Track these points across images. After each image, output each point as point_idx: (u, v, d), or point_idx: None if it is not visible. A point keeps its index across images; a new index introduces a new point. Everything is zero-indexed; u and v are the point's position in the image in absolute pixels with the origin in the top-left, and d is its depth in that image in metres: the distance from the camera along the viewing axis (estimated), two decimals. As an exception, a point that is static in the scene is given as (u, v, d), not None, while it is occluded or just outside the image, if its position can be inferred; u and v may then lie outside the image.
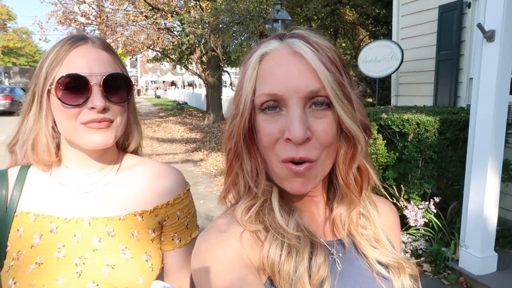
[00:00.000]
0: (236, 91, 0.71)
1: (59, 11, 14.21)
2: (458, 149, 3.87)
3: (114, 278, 0.87)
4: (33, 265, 0.85)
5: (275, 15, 7.81)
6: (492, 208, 3.22)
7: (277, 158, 0.65)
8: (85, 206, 0.92)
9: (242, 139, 0.68)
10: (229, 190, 0.74)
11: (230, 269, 0.61)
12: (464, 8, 5.00)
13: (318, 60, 0.63)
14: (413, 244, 3.77)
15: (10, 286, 0.85)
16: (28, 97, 0.92)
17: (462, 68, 5.12)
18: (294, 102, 0.62)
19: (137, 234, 0.94)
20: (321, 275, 0.63)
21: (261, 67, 0.66)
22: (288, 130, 0.62)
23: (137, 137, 1.04)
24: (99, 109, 0.85)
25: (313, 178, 0.66)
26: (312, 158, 0.63)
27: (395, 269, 0.73)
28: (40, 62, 0.90)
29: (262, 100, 0.64)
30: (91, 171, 0.96)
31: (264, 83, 0.65)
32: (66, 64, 0.86)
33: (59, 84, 0.85)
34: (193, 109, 23.75)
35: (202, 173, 7.73)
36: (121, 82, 0.91)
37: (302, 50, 0.64)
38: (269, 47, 0.67)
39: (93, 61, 0.87)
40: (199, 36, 12.17)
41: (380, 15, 12.07)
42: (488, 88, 3.09)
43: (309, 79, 0.63)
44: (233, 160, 0.71)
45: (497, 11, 2.99)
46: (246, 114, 0.66)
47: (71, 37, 0.90)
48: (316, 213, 0.75)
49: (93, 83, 0.85)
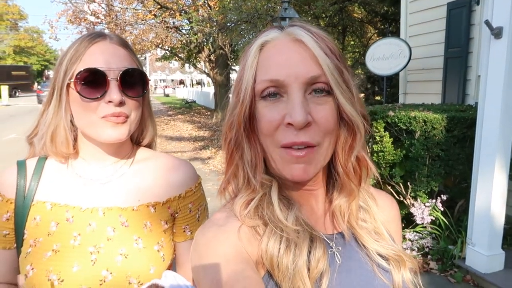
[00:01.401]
0: (236, 81, 0.71)
1: (69, 10, 14.35)
2: (466, 147, 3.85)
3: (127, 266, 0.91)
4: (50, 252, 0.90)
5: (282, 13, 7.79)
6: (499, 206, 3.21)
7: (277, 144, 0.65)
8: (100, 196, 0.96)
9: (242, 127, 0.68)
10: (229, 182, 0.74)
11: (227, 264, 0.61)
12: (472, 5, 4.95)
13: (318, 47, 0.64)
14: (420, 242, 3.77)
15: (28, 271, 0.89)
16: (48, 91, 0.95)
17: (471, 66, 5.07)
18: (295, 87, 0.63)
19: (149, 225, 0.98)
20: (320, 268, 0.63)
21: (261, 55, 0.67)
22: (289, 115, 0.62)
23: (151, 132, 1.08)
24: (116, 102, 0.88)
25: (314, 164, 0.66)
26: (313, 143, 0.64)
27: (395, 262, 0.72)
28: (60, 58, 0.94)
29: (263, 87, 0.65)
30: (106, 164, 1.00)
31: (265, 70, 0.65)
32: (85, 59, 0.90)
33: (78, 78, 0.88)
34: (201, 108, 23.80)
35: (210, 171, 7.78)
36: (138, 77, 0.94)
37: (303, 37, 0.65)
38: (269, 36, 0.68)
39: (111, 56, 0.91)
40: (207, 34, 12.21)
41: (388, 12, 11.97)
42: (496, 85, 3.08)
43: (310, 65, 0.64)
44: (233, 151, 0.71)
45: (505, 8, 2.97)
46: (247, 102, 0.66)
47: (89, 34, 0.94)
48: (315, 206, 0.75)
49: (110, 77, 0.89)
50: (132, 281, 0.91)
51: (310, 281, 0.62)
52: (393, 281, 0.71)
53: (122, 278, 0.90)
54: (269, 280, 0.64)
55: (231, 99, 0.73)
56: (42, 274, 0.88)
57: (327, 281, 0.64)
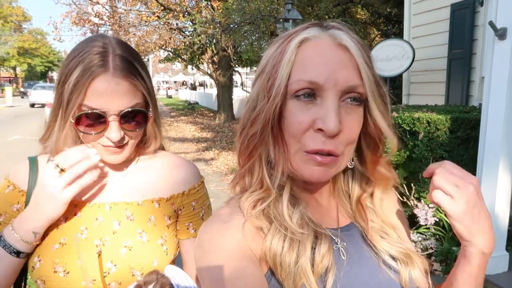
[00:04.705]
0: (268, 73, 0.66)
1: (73, 12, 14.46)
2: (470, 148, 3.84)
3: (131, 259, 0.93)
4: (57, 245, 0.92)
5: (286, 14, 7.81)
6: (503, 207, 3.20)
7: (302, 147, 0.64)
8: (107, 192, 0.99)
9: (270, 125, 0.65)
10: (244, 177, 0.71)
11: (230, 260, 0.60)
12: (476, 6, 4.96)
13: (361, 56, 0.62)
14: (424, 243, 3.75)
15: (35, 263, 0.91)
16: (54, 103, 0.94)
17: (474, 67, 5.07)
18: (333, 93, 0.62)
19: (153, 219, 1.00)
20: (324, 264, 0.63)
21: (300, 52, 0.64)
22: (322, 121, 0.61)
23: (154, 144, 1.06)
24: (115, 141, 0.90)
25: (335, 168, 0.66)
26: (338, 153, 0.63)
27: (402, 259, 0.72)
28: (61, 79, 0.90)
29: (300, 87, 0.63)
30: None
31: (303, 70, 0.63)
32: (86, 96, 0.87)
33: (78, 119, 0.88)
34: (204, 109, 23.86)
35: (213, 172, 7.79)
36: (137, 113, 0.94)
37: (347, 43, 0.63)
38: (310, 34, 0.65)
39: (112, 95, 0.88)
40: (211, 36, 12.22)
41: (391, 14, 11.98)
42: (500, 86, 3.07)
43: (350, 73, 0.62)
44: (255, 147, 0.68)
45: (509, 9, 2.96)
46: (279, 99, 0.63)
47: (90, 61, 0.87)
48: (321, 200, 0.75)
49: (110, 118, 0.89)
50: (136, 273, 0.93)
51: (315, 277, 0.61)
52: (400, 277, 0.70)
53: (126, 270, 0.92)
54: (271, 277, 0.63)
55: (253, 92, 0.69)
56: (48, 265, 0.90)
57: (333, 276, 0.63)
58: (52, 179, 0.87)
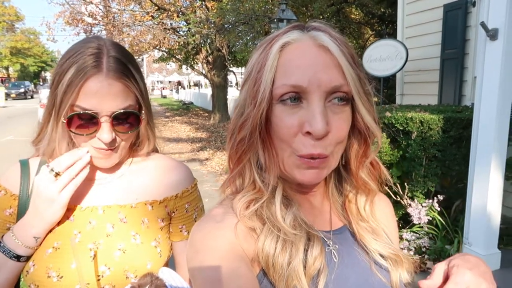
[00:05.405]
0: (253, 79, 0.66)
1: (67, 12, 14.36)
2: (462, 147, 3.87)
3: (125, 261, 0.93)
4: (50, 249, 0.92)
5: (280, 14, 7.83)
6: (495, 205, 3.24)
7: (295, 151, 0.64)
8: (100, 196, 0.99)
9: (258, 130, 0.65)
10: (234, 180, 0.72)
11: (222, 261, 0.60)
12: (469, 7, 5.00)
13: (343, 55, 0.62)
14: (417, 241, 3.78)
15: (29, 267, 0.91)
16: (47, 104, 0.93)
17: (467, 67, 5.11)
18: (317, 95, 0.62)
19: (147, 222, 1.00)
20: (316, 266, 0.63)
21: (282, 56, 0.64)
22: (309, 124, 0.61)
23: (147, 146, 1.06)
24: (106, 142, 0.89)
25: (326, 169, 0.66)
26: (327, 154, 0.63)
27: (393, 261, 0.73)
28: (55, 79, 0.90)
29: (284, 91, 0.63)
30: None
31: (287, 74, 0.63)
32: (79, 97, 0.87)
33: (70, 119, 0.88)
34: (199, 109, 23.80)
35: (207, 172, 7.79)
36: (130, 114, 0.93)
37: (328, 44, 0.62)
38: (291, 37, 0.65)
39: (104, 96, 0.87)
40: (205, 36, 12.22)
41: (385, 14, 12.05)
42: (492, 86, 3.10)
43: (333, 73, 0.62)
44: (245, 151, 0.69)
45: (500, 10, 3.00)
46: (265, 104, 0.63)
47: (84, 62, 0.87)
48: (314, 202, 0.75)
49: (102, 119, 0.88)
50: (130, 276, 0.93)
51: (307, 279, 0.61)
52: (391, 280, 0.71)
53: (120, 273, 0.92)
54: (263, 278, 0.63)
55: (241, 97, 0.69)
56: (42, 270, 0.90)
57: (324, 278, 0.63)
58: (48, 183, 0.88)
